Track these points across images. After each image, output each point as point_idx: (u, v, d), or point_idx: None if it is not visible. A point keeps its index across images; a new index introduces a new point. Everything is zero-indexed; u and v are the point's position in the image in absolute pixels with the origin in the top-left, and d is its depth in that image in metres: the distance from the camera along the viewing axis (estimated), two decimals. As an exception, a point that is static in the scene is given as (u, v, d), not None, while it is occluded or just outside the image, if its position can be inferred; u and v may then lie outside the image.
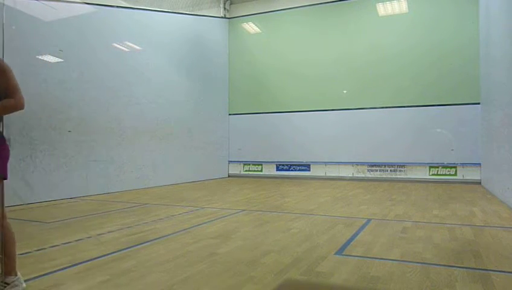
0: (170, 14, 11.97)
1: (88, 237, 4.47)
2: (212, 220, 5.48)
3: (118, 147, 9.58)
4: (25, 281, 2.96)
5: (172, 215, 5.93)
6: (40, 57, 7.80)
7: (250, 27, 14.34)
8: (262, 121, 14.02)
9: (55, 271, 3.20)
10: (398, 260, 3.44)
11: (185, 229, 4.87)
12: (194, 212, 6.21)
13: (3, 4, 5.91)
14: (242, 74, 14.48)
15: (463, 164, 11.26)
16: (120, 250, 3.87)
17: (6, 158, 2.85)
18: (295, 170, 13.51)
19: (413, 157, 11.81)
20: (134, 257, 3.62)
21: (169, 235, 4.57)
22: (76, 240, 4.32)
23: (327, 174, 13.00)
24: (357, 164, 12.57)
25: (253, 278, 2.99)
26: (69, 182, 8.23)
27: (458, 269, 3.19)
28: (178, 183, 11.66)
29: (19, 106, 2.72)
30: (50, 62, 8.02)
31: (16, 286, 2.67)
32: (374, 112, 12.40)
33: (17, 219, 5.68)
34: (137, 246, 4.02)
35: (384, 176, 12.22)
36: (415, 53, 11.93)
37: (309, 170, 13.32)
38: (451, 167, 11.43)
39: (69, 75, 8.35)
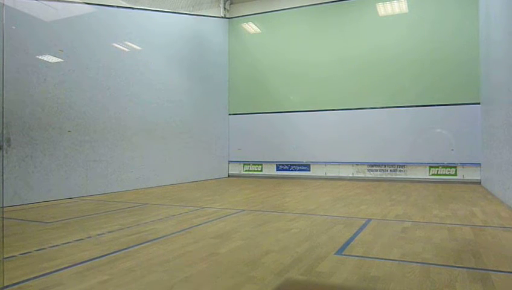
0: (170, 14, 11.97)
1: (88, 237, 4.47)
2: (212, 220, 5.48)
3: (118, 147, 9.58)
4: (25, 281, 2.96)
5: (173, 215, 5.93)
6: (40, 57, 7.80)
7: (250, 27, 14.34)
8: (262, 121, 14.02)
9: (55, 271, 3.20)
10: (398, 260, 3.44)
11: (185, 229, 4.87)
12: (194, 212, 6.21)
13: (3, 4, 5.91)
14: (242, 74, 14.48)
15: (463, 164, 11.26)
16: (120, 250, 3.87)
17: None
18: (295, 170, 13.51)
19: (413, 157, 11.81)
20: (134, 257, 3.62)
21: (169, 235, 4.57)
22: (76, 240, 4.32)
23: (327, 174, 13.00)
24: (357, 164, 12.57)
25: (253, 278, 2.99)
26: (69, 182, 8.24)
27: (458, 269, 3.19)
28: (178, 183, 11.66)
29: None
30: (50, 62, 8.02)
31: None
32: (374, 112, 12.40)
33: (17, 219, 5.68)
34: (137, 246, 4.02)
35: (384, 176, 12.22)
36: (415, 53, 11.93)
37: (309, 170, 13.31)
38: (451, 167, 11.43)
39: (69, 75, 8.35)
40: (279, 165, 13.76)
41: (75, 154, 8.41)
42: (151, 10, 11.29)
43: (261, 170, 14.05)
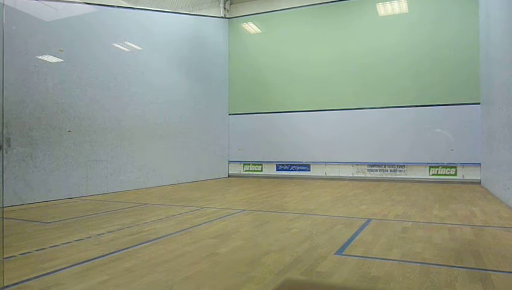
0: (170, 14, 11.97)
1: (88, 237, 4.47)
2: (212, 220, 5.48)
3: (118, 147, 9.58)
4: (25, 281, 2.96)
5: (172, 216, 5.93)
6: (40, 57, 7.80)
7: (250, 27, 14.34)
8: (262, 121, 14.02)
9: (55, 271, 3.20)
10: (398, 260, 3.44)
11: (185, 229, 4.87)
12: (194, 212, 6.21)
13: (3, 4, 5.91)
14: (242, 74, 14.48)
15: (463, 164, 11.26)
16: (120, 250, 3.87)
17: None
18: (295, 170, 13.51)
19: (413, 158, 11.81)
20: (134, 257, 3.62)
21: (169, 235, 4.57)
22: (76, 240, 4.32)
23: (327, 174, 13.00)
24: (357, 164, 12.57)
25: (253, 278, 2.99)
26: (69, 182, 8.23)
27: (458, 269, 3.19)
28: (178, 183, 11.66)
29: None
30: (50, 62, 8.02)
31: None
32: (374, 112, 12.40)
33: (17, 219, 5.68)
34: (137, 246, 4.02)
35: (384, 176, 12.22)
36: (415, 53, 11.93)
37: (309, 170, 13.31)
38: (451, 167, 11.43)
39: (69, 75, 8.35)
40: (279, 165, 13.76)
41: (75, 154, 8.41)
42: (151, 10, 11.29)
43: (261, 170, 14.04)
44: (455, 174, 11.38)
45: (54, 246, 4.07)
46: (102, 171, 9.09)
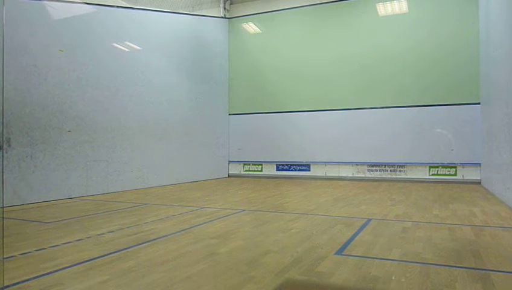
0: (170, 14, 11.97)
1: (88, 237, 4.47)
2: (212, 220, 5.48)
3: (118, 147, 9.58)
4: (25, 281, 2.96)
5: (173, 215, 5.93)
6: (40, 57, 7.80)
7: (250, 27, 14.34)
8: (262, 121, 14.01)
9: (55, 271, 3.20)
10: (398, 260, 3.44)
11: (185, 229, 4.87)
12: (194, 212, 6.21)
13: (3, 4, 5.91)
14: (242, 74, 14.47)
15: (463, 164, 11.26)
16: (120, 250, 3.87)
17: None
18: (295, 170, 13.51)
19: (413, 158, 11.80)
20: (134, 257, 3.62)
21: (169, 235, 4.57)
22: (76, 240, 4.32)
23: (327, 174, 13.00)
24: (357, 164, 12.57)
25: (253, 278, 2.99)
26: (69, 182, 8.23)
27: (458, 269, 3.19)
28: (178, 183, 11.66)
29: None
30: (50, 62, 8.02)
31: None
32: (374, 112, 12.39)
33: (17, 219, 5.68)
34: (137, 246, 4.02)
35: (384, 176, 12.21)
36: (415, 53, 11.92)
37: (309, 170, 13.31)
38: (451, 167, 11.43)
39: (69, 75, 8.35)
40: (279, 165, 13.75)
41: (75, 154, 8.41)
42: (151, 10, 11.28)
43: (261, 170, 14.04)
44: (455, 174, 11.38)
45: (54, 246, 4.07)
46: (102, 171, 9.10)
